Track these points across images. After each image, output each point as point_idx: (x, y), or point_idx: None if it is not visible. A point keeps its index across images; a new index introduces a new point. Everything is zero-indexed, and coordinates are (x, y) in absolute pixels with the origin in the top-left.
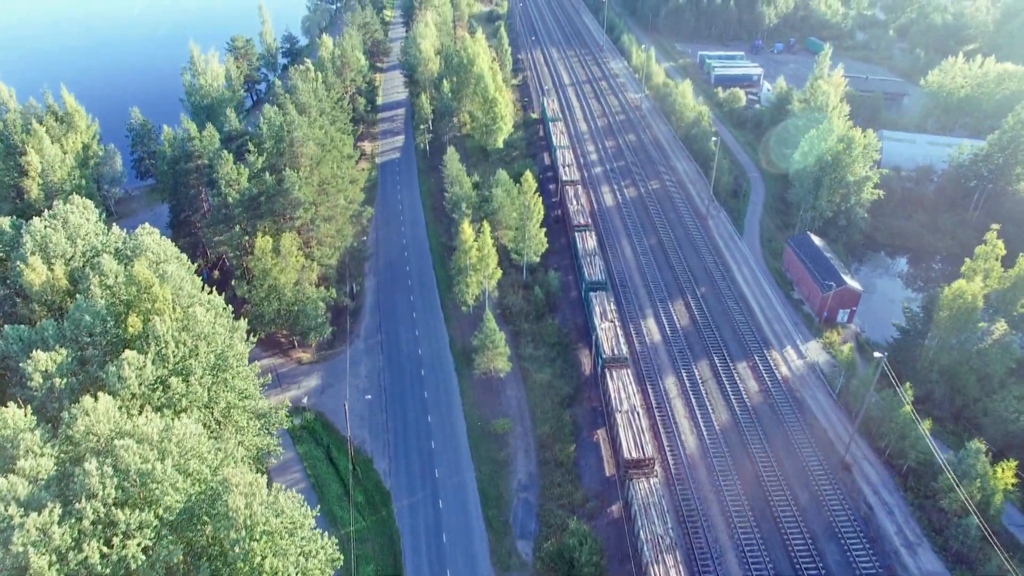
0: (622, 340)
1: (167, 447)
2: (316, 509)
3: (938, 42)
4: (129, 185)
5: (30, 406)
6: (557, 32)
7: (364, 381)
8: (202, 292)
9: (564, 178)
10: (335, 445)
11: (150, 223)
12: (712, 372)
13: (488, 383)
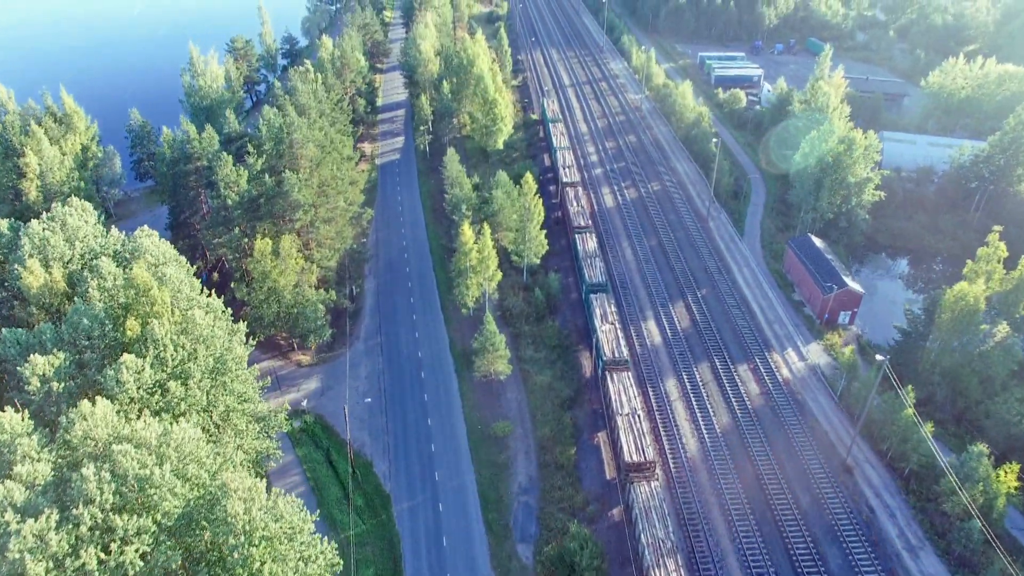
0: (623, 342)
1: (165, 452)
2: (316, 513)
3: (938, 43)
4: (128, 187)
5: (27, 410)
6: (557, 33)
7: (364, 383)
8: (201, 295)
9: (564, 179)
10: (335, 448)
11: (149, 225)
12: (713, 374)
13: (488, 385)
